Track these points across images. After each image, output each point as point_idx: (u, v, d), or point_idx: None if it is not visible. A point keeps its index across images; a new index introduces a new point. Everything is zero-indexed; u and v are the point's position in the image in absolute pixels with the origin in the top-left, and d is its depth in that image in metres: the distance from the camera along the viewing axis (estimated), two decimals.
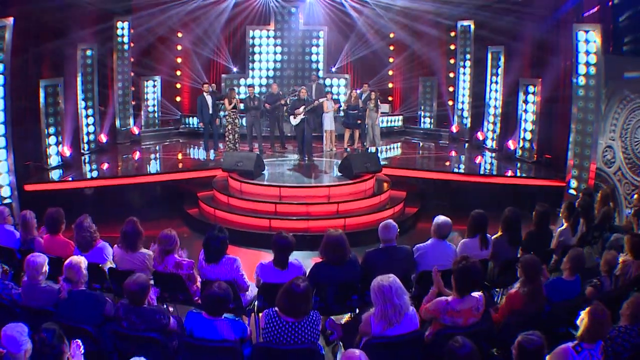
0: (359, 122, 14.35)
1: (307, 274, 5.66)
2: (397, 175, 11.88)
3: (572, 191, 11.60)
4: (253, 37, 18.88)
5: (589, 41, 10.67)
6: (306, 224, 9.64)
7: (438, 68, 18.34)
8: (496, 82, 15.07)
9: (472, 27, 16.26)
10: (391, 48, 19.68)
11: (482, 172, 13.18)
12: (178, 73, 18.59)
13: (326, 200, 10.28)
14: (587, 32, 10.71)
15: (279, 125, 14.43)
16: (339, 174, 11.22)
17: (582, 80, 11.02)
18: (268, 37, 18.93)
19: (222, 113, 14.30)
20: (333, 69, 19.39)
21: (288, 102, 14.35)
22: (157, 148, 15.51)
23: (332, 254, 5.60)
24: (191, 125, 17.46)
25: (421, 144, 16.78)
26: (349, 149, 14.29)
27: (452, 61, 17.88)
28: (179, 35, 18.33)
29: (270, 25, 18.89)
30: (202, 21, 17.84)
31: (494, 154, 14.81)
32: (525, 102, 13.62)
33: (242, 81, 18.89)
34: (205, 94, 13.36)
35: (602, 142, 10.71)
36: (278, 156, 13.65)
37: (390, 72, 19.79)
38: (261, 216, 9.84)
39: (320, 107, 13.08)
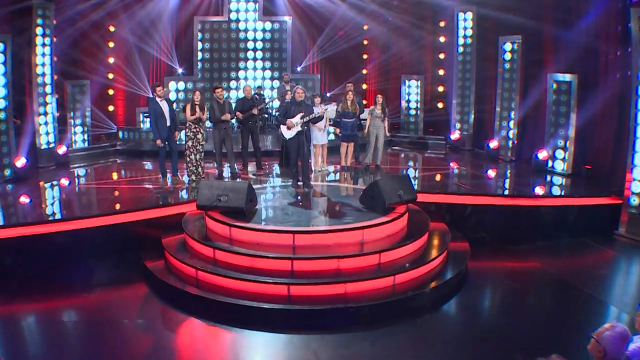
0: (357, 133, 11.37)
1: None
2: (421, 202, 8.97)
3: (633, 210, 9.27)
4: (202, 30, 15.48)
5: None
6: (342, 288, 6.53)
7: (423, 65, 15.75)
8: (511, 80, 12.57)
9: (471, 15, 13.73)
10: (365, 42, 16.91)
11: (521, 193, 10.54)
12: (110, 76, 14.87)
13: (360, 248, 7.17)
14: None
15: (253, 139, 11.16)
16: (361, 206, 8.20)
17: None
18: (220, 29, 15.59)
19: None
20: (299, 68, 16.36)
21: (266, 107, 11.21)
22: (92, 173, 11.79)
23: None
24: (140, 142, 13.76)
25: (414, 155, 13.99)
26: (349, 166, 11.30)
27: (441, 56, 15.29)
28: (111, 29, 14.62)
29: (222, 15, 15.58)
30: (139, 11, 14.32)
31: (510, 166, 12.33)
32: (557, 103, 11.19)
33: (189, 84, 15.47)
34: (158, 99, 9.80)
35: None
36: (259, 181, 10.40)
37: (365, 71, 17.03)
38: (272, 280, 6.49)
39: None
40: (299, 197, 8.90)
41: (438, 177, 11.29)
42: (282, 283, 6.48)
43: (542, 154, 11.39)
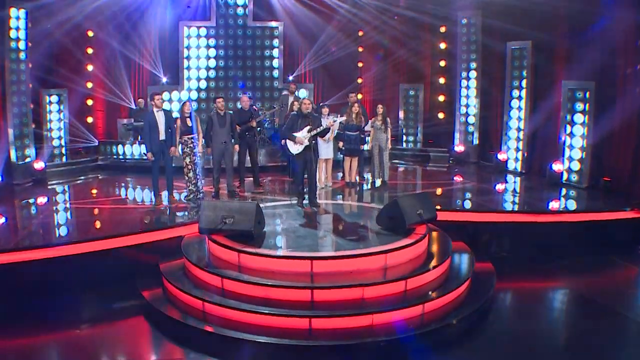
0: (362, 147, 10.98)
1: None
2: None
3: None
4: (189, 37, 15.01)
5: None
6: (369, 319, 6.09)
7: (422, 73, 15.51)
8: (520, 88, 12.33)
9: (475, 20, 13.52)
10: (360, 49, 16.62)
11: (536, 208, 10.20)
12: (89, 85, 14.27)
13: (383, 274, 6.72)
14: None
15: (250, 153, 10.68)
16: (378, 227, 7.78)
17: None
18: (208, 36, 15.17)
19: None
20: (291, 77, 15.97)
21: (267, 117, 10.77)
22: (73, 191, 11.16)
23: None
24: (123, 156, 13.19)
25: (416, 169, 13.67)
26: (354, 182, 10.90)
27: (442, 64, 15.06)
28: (90, 34, 14.05)
29: (210, 21, 15.15)
30: (120, 16, 13.80)
31: (521, 179, 12.06)
32: (572, 111, 10.98)
33: (174, 94, 14.97)
34: (156, 110, 9.22)
35: None
36: (261, 200, 9.91)
37: (360, 80, 16.71)
38: (290, 312, 5.98)
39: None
40: (308, 218, 8.44)
41: (450, 193, 10.96)
42: (303, 316, 5.97)
43: (557, 166, 11.13)
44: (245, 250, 6.82)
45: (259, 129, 12.70)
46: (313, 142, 8.62)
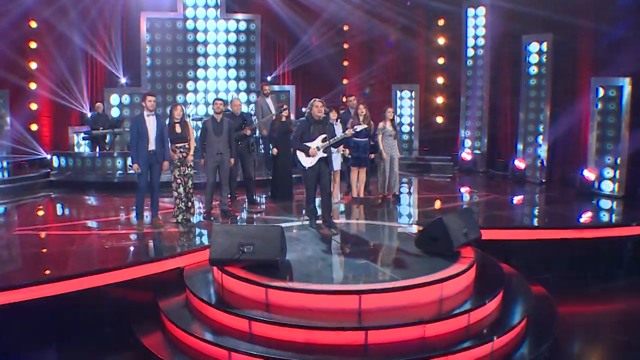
0: (371, 156, 10.28)
1: None
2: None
3: None
4: (152, 30, 13.97)
5: None
6: None
7: (415, 72, 15.01)
8: (539, 87, 11.93)
9: (484, 10, 13.07)
10: (345, 46, 15.99)
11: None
12: (33, 86, 13.04)
13: (439, 307, 5.96)
14: None
15: (243, 166, 9.78)
16: (418, 250, 7.07)
17: None
18: (174, 29, 14.19)
19: None
20: (269, 78, 15.17)
21: (265, 122, 9.94)
22: (24, 213, 9.91)
23: None
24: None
25: (420, 179, 13.05)
26: (363, 197, 10.19)
27: (441, 61, 14.58)
28: (32, 24, 12.85)
29: (176, 11, 14.19)
30: (69, 4, 12.71)
31: (542, 189, 11.63)
32: (604, 112, 10.63)
33: (135, 97, 13.91)
34: (147, 114, 7.97)
35: None
36: (254, 220, 9.00)
37: (345, 81, 16.08)
38: None
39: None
40: (330, 242, 7.63)
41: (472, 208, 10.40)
42: None
43: (589, 174, 10.72)
44: (274, 285, 5.93)
45: (255, 135, 11.69)
46: (327, 154, 7.90)
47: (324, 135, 7.81)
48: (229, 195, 9.36)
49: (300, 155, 7.88)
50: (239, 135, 9.36)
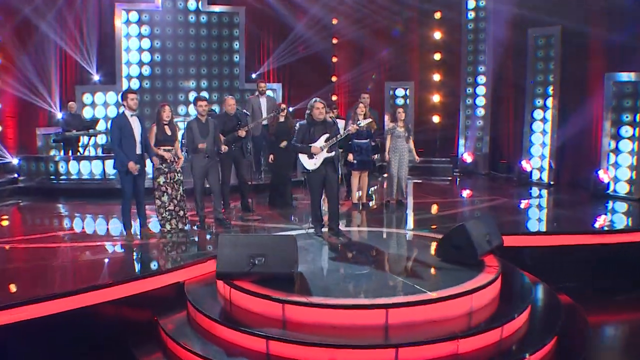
0: (374, 158, 9.88)
1: None
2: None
3: None
4: (128, 22, 13.40)
5: None
6: None
7: (409, 69, 14.71)
8: (546, 83, 11.67)
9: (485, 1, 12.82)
10: (334, 41, 15.63)
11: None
12: None
13: (468, 320, 5.61)
14: None
15: (237, 170, 9.27)
16: (438, 259, 6.73)
17: None
18: (151, 22, 13.64)
19: None
20: (254, 75, 14.72)
21: (254, 127, 9.50)
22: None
23: None
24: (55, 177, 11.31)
25: (421, 182, 12.74)
26: (365, 203, 9.81)
27: (437, 56, 14.29)
28: None
29: (153, 2, 13.66)
30: None
31: (551, 191, 11.40)
32: (619, 110, 10.42)
33: (110, 96, 13.32)
34: (129, 113, 7.44)
35: None
36: (253, 228, 8.52)
37: (334, 78, 15.72)
38: None
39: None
40: (342, 252, 7.23)
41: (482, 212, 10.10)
42: None
43: (604, 175, 10.51)
44: (292, 300, 5.49)
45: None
46: (332, 153, 7.50)
47: (326, 135, 7.44)
48: (222, 202, 8.88)
49: (303, 157, 7.53)
50: (232, 137, 8.88)
